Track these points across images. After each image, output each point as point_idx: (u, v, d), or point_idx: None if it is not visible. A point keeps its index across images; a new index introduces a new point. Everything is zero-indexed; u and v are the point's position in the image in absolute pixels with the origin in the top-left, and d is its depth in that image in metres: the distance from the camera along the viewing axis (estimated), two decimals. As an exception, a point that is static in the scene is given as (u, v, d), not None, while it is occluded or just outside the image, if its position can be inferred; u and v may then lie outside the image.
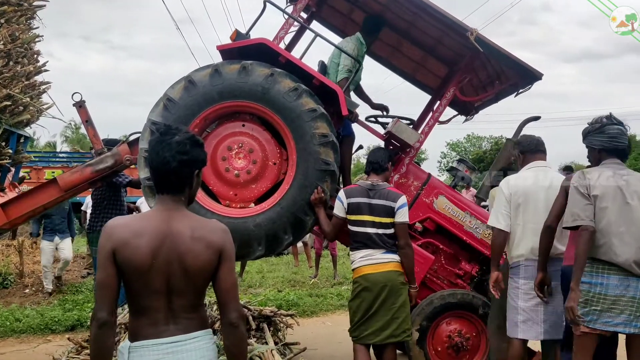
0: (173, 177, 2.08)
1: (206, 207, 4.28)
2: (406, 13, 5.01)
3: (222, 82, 4.26)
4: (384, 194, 4.02)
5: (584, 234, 3.18)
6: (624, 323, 3.20)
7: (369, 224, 4.00)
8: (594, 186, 3.27)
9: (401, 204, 4.01)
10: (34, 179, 13.02)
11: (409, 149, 4.82)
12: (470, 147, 52.38)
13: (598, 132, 3.42)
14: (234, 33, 4.58)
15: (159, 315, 2.03)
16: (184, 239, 2.03)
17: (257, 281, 9.75)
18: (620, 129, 3.39)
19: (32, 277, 9.45)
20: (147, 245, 1.99)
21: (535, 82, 4.67)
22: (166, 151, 2.05)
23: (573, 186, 3.32)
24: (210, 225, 2.15)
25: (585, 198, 3.25)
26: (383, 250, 3.99)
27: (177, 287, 2.03)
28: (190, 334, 2.06)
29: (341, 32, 5.83)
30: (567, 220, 3.31)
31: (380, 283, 3.94)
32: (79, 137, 37.63)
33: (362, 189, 4.07)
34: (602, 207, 3.24)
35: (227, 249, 2.10)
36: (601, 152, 3.43)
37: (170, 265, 2.01)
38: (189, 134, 2.13)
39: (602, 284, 3.21)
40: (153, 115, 4.30)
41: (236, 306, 2.09)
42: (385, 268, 3.97)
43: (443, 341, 4.55)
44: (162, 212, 2.08)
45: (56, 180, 4.88)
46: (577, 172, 3.43)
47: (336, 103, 4.44)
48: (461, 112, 5.95)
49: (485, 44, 4.42)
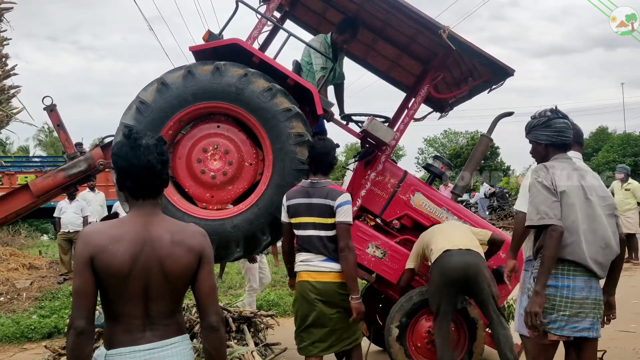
0: (157, 180, 2.07)
1: (183, 210, 4.25)
2: (380, 12, 5.03)
3: (195, 83, 4.23)
4: (323, 192, 3.66)
5: (554, 234, 2.93)
6: (589, 327, 3.02)
7: (309, 226, 3.66)
8: (559, 181, 3.06)
9: (342, 202, 3.61)
10: (7, 185, 12.78)
11: (385, 147, 4.84)
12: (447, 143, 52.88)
13: (544, 126, 3.23)
14: (207, 33, 4.54)
15: (135, 322, 2.02)
16: (164, 244, 2.02)
17: (237, 282, 9.70)
18: (567, 123, 3.24)
19: (7, 284, 9.27)
20: (126, 251, 1.97)
21: (508, 78, 4.73)
22: (147, 154, 2.03)
23: (537, 181, 3.07)
24: (190, 229, 2.15)
25: (552, 194, 3.01)
26: (323, 257, 3.63)
27: (155, 292, 2.02)
28: (167, 340, 2.05)
29: (315, 31, 5.83)
30: (532, 218, 3.03)
31: (314, 294, 3.62)
32: (52, 141, 37.03)
33: (302, 189, 3.75)
34: (570, 203, 3.03)
35: (206, 252, 2.11)
36: (548, 147, 3.25)
37: (150, 270, 2.00)
38: (156, 135, 2.13)
39: (569, 287, 3.00)
40: (126, 118, 4.25)
41: (216, 309, 2.10)
42: (324, 278, 3.62)
43: (422, 337, 4.58)
44: (140, 217, 2.06)
45: (28, 186, 4.78)
46: (538, 165, 3.18)
47: (311, 102, 4.44)
48: (436, 109, 6.00)
49: (458, 41, 4.46)
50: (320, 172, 3.73)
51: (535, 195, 3.04)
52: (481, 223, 5.13)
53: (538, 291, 2.95)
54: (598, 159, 32.35)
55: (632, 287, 8.49)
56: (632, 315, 6.61)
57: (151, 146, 2.05)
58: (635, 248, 10.69)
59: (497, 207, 16.98)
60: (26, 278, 9.47)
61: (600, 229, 3.08)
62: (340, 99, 5.65)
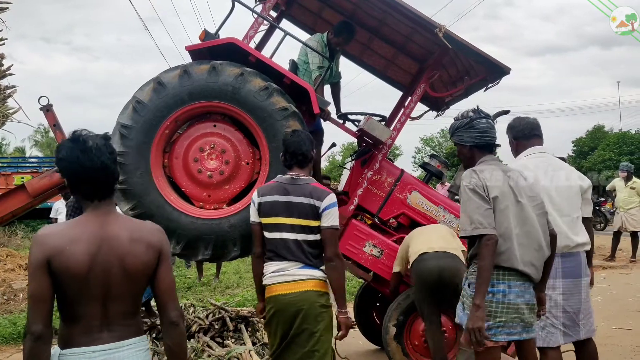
0: (112, 179, 2.06)
1: (179, 209, 4.24)
2: (376, 11, 5.04)
3: (191, 82, 4.22)
4: (306, 190, 3.19)
5: (489, 242, 2.79)
6: (521, 331, 2.94)
7: (286, 228, 3.16)
8: (491, 187, 2.92)
9: (329, 204, 3.16)
10: (3, 185, 12.75)
11: (382, 146, 4.84)
12: (444, 142, 52.90)
13: (467, 128, 3.09)
14: (203, 33, 4.54)
15: (93, 323, 1.99)
16: (122, 242, 2.01)
17: (234, 282, 9.70)
18: (490, 123, 3.11)
19: (3, 285, 9.25)
20: (83, 251, 1.94)
21: (504, 77, 4.74)
22: (100, 155, 2.00)
23: (468, 188, 2.91)
24: (147, 226, 2.14)
25: (485, 201, 2.88)
26: (300, 264, 3.15)
27: (115, 292, 2.00)
28: (125, 341, 2.03)
29: (311, 30, 5.84)
30: (466, 228, 2.88)
31: (294, 307, 3.12)
32: (48, 141, 36.94)
33: (278, 184, 3.26)
34: (502, 208, 2.90)
35: (164, 249, 2.11)
36: (473, 149, 3.11)
37: (109, 270, 1.98)
38: (100, 134, 2.10)
39: (505, 292, 2.89)
40: (123, 118, 4.24)
41: (176, 305, 2.11)
42: (302, 287, 3.13)
43: (420, 335, 4.58)
44: (96, 216, 2.03)
45: (24, 187, 4.77)
46: (468, 171, 3.02)
47: (308, 101, 4.44)
48: (432, 107, 6.01)
49: (454, 40, 4.47)
50: (296, 165, 3.28)
51: (468, 203, 2.90)
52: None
53: (479, 305, 2.78)
54: (594, 157, 32.41)
55: (629, 284, 8.53)
56: (629, 313, 6.64)
57: (102, 146, 2.02)
58: (637, 247, 10.71)
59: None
60: (23, 279, 9.43)
61: (533, 232, 2.97)
62: (337, 98, 5.66)
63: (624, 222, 10.44)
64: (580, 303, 3.48)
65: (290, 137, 3.36)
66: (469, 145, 3.11)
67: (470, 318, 2.81)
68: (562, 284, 3.47)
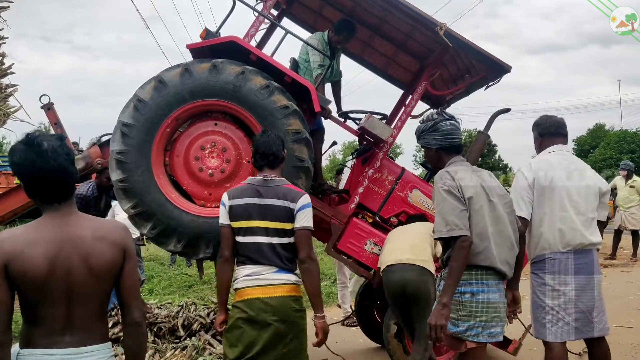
0: (70, 180, 2.01)
1: (180, 208, 4.24)
2: (377, 9, 5.04)
3: (192, 81, 4.23)
4: (279, 191, 3.08)
5: (464, 244, 2.82)
6: (501, 331, 2.98)
7: (260, 232, 3.04)
8: (465, 187, 2.94)
9: (303, 205, 3.06)
10: (4, 184, 12.75)
11: (383, 144, 4.85)
12: (444, 141, 52.73)
13: (432, 130, 3.12)
14: (204, 31, 4.55)
15: (56, 325, 1.95)
16: (85, 241, 1.96)
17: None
18: (454, 124, 3.13)
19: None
20: (43, 254, 1.89)
21: (504, 75, 4.74)
22: (57, 157, 1.95)
23: (443, 189, 2.92)
24: (109, 224, 2.12)
25: (461, 203, 2.89)
26: (275, 268, 3.03)
27: (79, 293, 1.95)
28: (85, 347, 1.97)
29: (312, 28, 5.83)
30: (441, 229, 2.89)
31: (268, 313, 2.96)
32: (49, 140, 36.92)
33: (250, 186, 3.12)
34: (477, 209, 2.92)
35: (129, 247, 2.07)
36: (439, 151, 3.14)
37: (72, 270, 1.93)
38: (54, 135, 2.05)
39: (484, 291, 2.91)
40: (124, 116, 4.25)
41: (138, 305, 2.08)
42: (277, 292, 3.01)
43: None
44: (56, 218, 1.98)
45: (25, 185, 4.77)
46: (441, 172, 3.04)
47: (309, 100, 4.44)
48: (433, 105, 6.00)
49: (455, 38, 4.47)
50: (266, 166, 3.16)
51: (442, 205, 2.91)
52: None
53: (446, 304, 2.80)
54: (595, 156, 32.42)
55: (629, 282, 8.53)
56: (629, 311, 6.65)
57: (57, 148, 1.95)
58: (637, 245, 10.71)
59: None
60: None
61: (505, 230, 3.00)
62: (338, 97, 5.66)
63: (624, 220, 10.44)
64: (594, 300, 3.48)
65: (259, 138, 3.26)
66: (435, 147, 3.14)
67: (434, 315, 2.81)
68: (574, 280, 3.48)
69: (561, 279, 3.43)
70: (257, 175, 3.18)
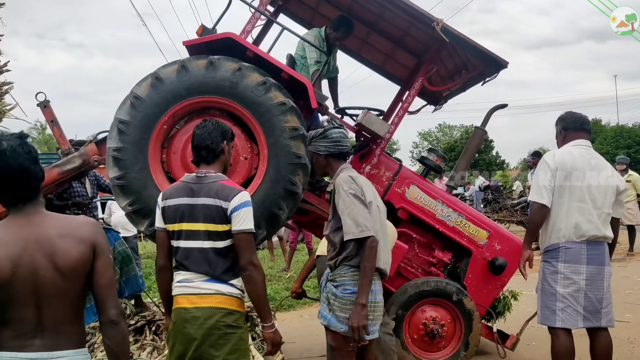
0: (34, 180, 1.95)
1: (178, 205, 4.23)
2: (373, 5, 5.03)
3: (189, 77, 4.21)
4: (212, 189, 2.74)
5: (374, 245, 3.00)
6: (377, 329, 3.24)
7: (191, 236, 2.74)
8: (366, 191, 3.14)
9: (239, 204, 2.71)
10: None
11: (380, 140, 4.85)
12: (441, 137, 52.99)
13: (322, 137, 3.31)
14: (200, 28, 4.54)
15: (25, 328, 1.89)
16: (50, 240, 1.90)
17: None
18: (342, 132, 3.35)
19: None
20: (5, 255, 1.85)
21: (501, 70, 4.74)
22: (17, 158, 1.90)
23: (350, 193, 3.07)
24: (77, 220, 2.05)
25: (365, 205, 3.08)
26: (205, 277, 2.72)
27: (48, 294, 1.89)
28: (56, 352, 1.91)
29: (309, 25, 5.82)
30: (353, 231, 2.99)
31: (193, 325, 2.67)
32: (45, 138, 36.91)
33: (184, 185, 2.82)
34: (373, 212, 3.12)
35: (99, 242, 1.99)
36: (328, 157, 3.32)
37: (37, 271, 1.88)
38: (15, 133, 1.99)
39: (373, 291, 3.09)
40: (120, 113, 4.23)
41: (115, 303, 2.00)
42: (204, 302, 2.68)
43: (419, 329, 4.60)
44: (20, 219, 1.93)
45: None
46: (344, 177, 3.17)
47: (305, 96, 4.44)
48: (430, 102, 6.02)
49: (451, 33, 4.47)
50: (202, 161, 2.86)
51: (352, 207, 3.04)
52: (476, 215, 5.15)
53: (365, 304, 2.98)
54: (592, 151, 32.48)
55: (626, 277, 8.56)
56: (626, 306, 6.67)
57: (17, 147, 1.90)
58: (633, 240, 10.73)
59: (491, 200, 17.04)
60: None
61: (384, 233, 3.22)
62: (335, 93, 5.66)
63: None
64: (604, 290, 3.60)
65: (195, 130, 2.94)
66: (324, 153, 3.32)
67: (355, 316, 2.97)
68: (586, 270, 3.62)
69: (574, 267, 3.59)
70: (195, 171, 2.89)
